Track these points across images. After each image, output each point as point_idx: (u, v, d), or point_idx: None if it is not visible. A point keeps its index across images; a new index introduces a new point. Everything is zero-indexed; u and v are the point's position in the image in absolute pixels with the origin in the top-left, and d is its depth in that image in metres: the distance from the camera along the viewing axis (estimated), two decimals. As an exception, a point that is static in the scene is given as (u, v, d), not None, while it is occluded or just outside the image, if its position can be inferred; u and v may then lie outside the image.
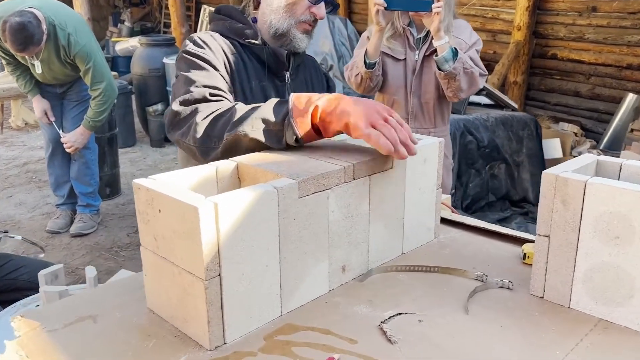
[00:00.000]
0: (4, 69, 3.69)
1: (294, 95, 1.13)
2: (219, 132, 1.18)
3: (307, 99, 1.11)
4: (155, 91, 5.93)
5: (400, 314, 0.95)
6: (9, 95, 4.96)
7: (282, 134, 1.10)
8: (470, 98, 4.57)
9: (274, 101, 1.15)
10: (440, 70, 2.19)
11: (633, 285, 0.90)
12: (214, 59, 1.36)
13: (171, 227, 0.86)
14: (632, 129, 5.03)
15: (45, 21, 3.16)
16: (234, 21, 1.48)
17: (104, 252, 3.58)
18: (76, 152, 3.64)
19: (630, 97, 5.17)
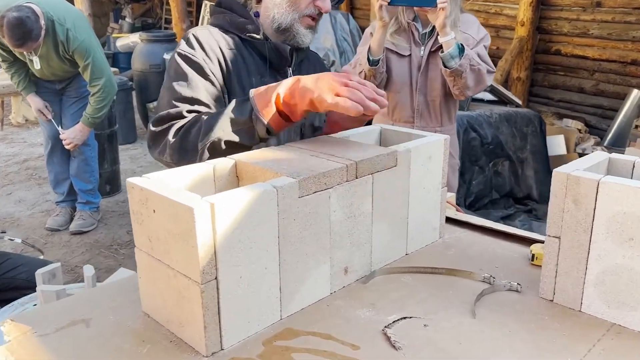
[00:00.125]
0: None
1: (252, 90, 1.17)
2: (192, 145, 1.21)
3: (266, 89, 1.15)
4: (156, 87, 5.86)
5: (405, 318, 0.92)
6: (9, 91, 4.94)
7: (253, 129, 1.15)
8: (473, 94, 4.53)
9: (235, 101, 1.19)
10: (446, 67, 2.13)
11: (648, 288, 0.86)
12: (203, 61, 1.33)
13: (166, 228, 0.82)
14: (636, 125, 4.99)
15: (43, 16, 3.13)
16: (235, 15, 1.44)
17: (103, 250, 3.56)
18: (75, 148, 3.61)
19: (634, 93, 5.12)
